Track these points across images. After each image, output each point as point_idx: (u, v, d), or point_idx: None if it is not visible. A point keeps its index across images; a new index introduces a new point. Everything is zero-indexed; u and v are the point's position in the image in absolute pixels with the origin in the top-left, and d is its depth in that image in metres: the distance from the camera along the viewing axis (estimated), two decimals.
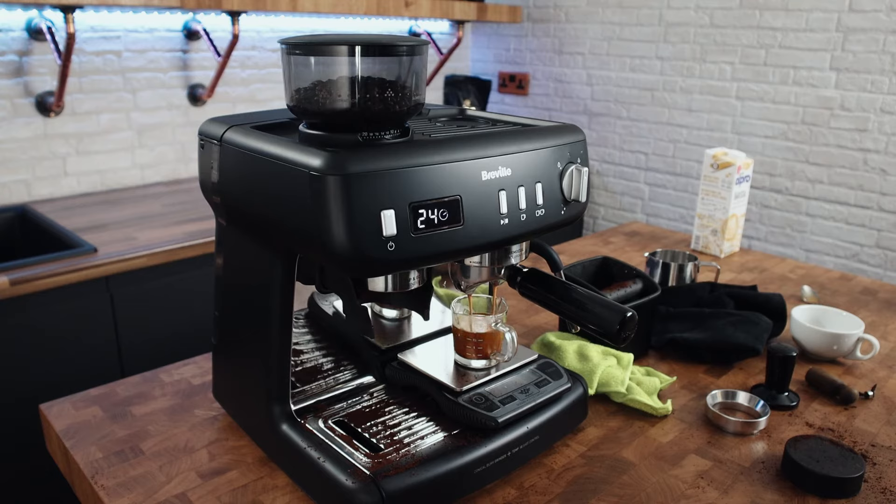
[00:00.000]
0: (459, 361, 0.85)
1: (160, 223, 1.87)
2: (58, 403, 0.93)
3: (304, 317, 1.03)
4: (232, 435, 0.87)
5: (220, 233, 0.84)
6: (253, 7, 2.10)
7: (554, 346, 1.02)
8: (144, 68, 2.22)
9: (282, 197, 0.65)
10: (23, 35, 1.96)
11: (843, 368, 1.08)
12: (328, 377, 0.88)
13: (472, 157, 0.67)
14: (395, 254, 0.61)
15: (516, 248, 0.78)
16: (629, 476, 0.81)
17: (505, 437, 0.77)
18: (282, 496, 0.75)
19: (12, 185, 2.02)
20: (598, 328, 0.71)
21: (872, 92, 2.17)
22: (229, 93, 2.46)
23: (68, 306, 1.57)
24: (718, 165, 1.60)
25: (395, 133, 0.67)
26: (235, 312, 0.83)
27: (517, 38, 3.12)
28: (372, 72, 0.64)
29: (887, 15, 2.10)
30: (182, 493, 0.75)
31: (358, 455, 0.72)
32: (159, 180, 2.34)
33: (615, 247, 1.69)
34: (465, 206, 0.66)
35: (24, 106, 2.00)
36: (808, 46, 2.27)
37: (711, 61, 2.51)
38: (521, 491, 0.78)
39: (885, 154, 2.18)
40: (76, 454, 0.82)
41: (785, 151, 2.39)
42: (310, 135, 0.67)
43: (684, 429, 0.91)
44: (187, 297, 1.77)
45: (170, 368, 1.03)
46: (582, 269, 1.21)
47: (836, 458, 0.80)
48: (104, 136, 2.18)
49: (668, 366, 1.07)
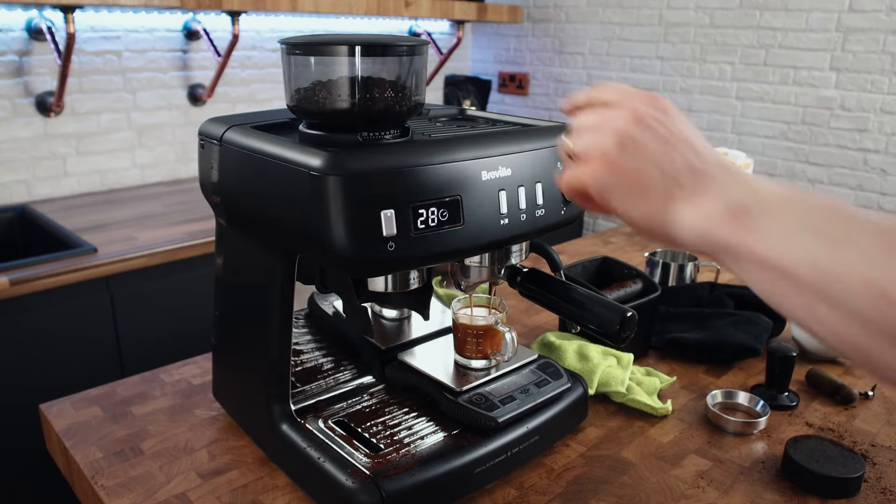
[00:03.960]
0: (459, 361, 0.85)
1: (160, 223, 1.87)
2: (58, 403, 0.93)
3: (304, 317, 1.03)
4: (232, 435, 0.87)
5: (220, 233, 0.84)
6: (253, 7, 2.10)
7: (554, 346, 1.02)
8: (144, 68, 2.22)
9: (282, 197, 0.64)
10: (23, 35, 1.96)
11: (843, 368, 1.08)
12: (328, 377, 0.88)
13: (472, 157, 0.67)
14: (395, 254, 0.61)
15: (516, 248, 0.78)
16: (629, 476, 0.81)
17: (505, 437, 0.77)
18: (282, 496, 0.75)
19: (12, 185, 2.02)
20: (598, 328, 0.71)
21: (872, 92, 2.17)
22: (229, 93, 2.46)
23: (68, 306, 1.57)
24: None
25: (395, 133, 0.67)
26: (235, 312, 0.83)
27: (517, 38, 3.12)
28: (372, 72, 0.64)
29: (887, 15, 2.10)
30: (182, 493, 0.75)
31: (358, 455, 0.72)
32: (159, 180, 2.34)
33: (615, 247, 1.69)
34: (465, 206, 0.66)
35: (24, 106, 2.00)
36: (808, 46, 2.27)
37: (711, 61, 2.51)
38: (521, 491, 0.78)
39: (885, 154, 2.18)
40: (76, 454, 0.82)
41: (785, 151, 2.39)
42: (310, 135, 0.67)
43: (684, 429, 0.91)
44: (187, 297, 1.77)
45: (170, 368, 1.03)
46: (582, 269, 1.21)
47: (836, 458, 0.80)
48: (104, 136, 2.18)
49: (668, 366, 1.07)
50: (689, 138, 0.51)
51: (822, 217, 0.42)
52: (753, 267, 0.44)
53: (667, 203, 0.49)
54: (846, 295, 0.39)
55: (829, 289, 0.40)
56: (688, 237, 0.48)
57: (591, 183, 0.52)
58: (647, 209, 0.50)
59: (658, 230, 0.50)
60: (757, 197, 0.45)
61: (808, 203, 0.43)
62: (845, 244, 0.40)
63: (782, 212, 0.44)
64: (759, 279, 0.44)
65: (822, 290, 0.40)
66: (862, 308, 0.39)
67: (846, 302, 0.39)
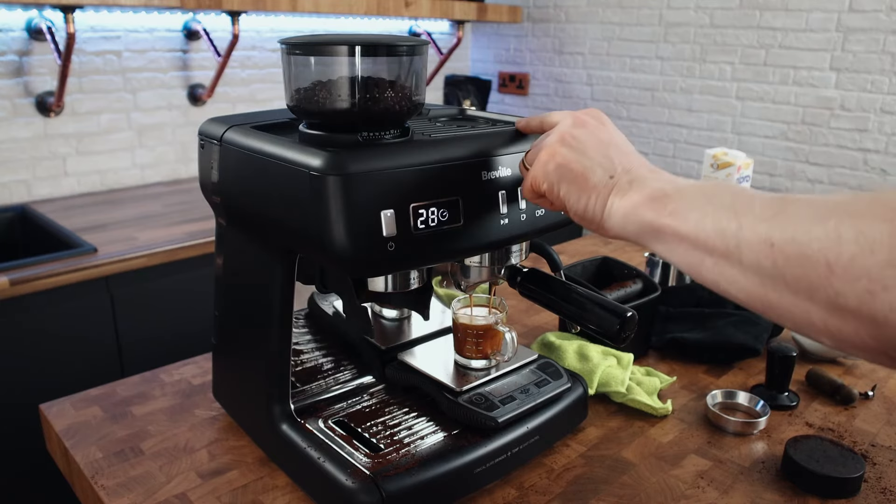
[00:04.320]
0: (459, 361, 0.85)
1: (160, 223, 1.87)
2: (58, 403, 0.93)
3: (304, 317, 1.03)
4: (232, 435, 0.87)
5: (220, 233, 0.84)
6: (253, 7, 2.10)
7: (554, 346, 1.02)
8: (144, 68, 2.22)
9: (282, 197, 0.64)
10: (23, 35, 1.96)
11: (843, 368, 1.08)
12: (328, 377, 0.88)
13: (472, 157, 0.67)
14: (395, 254, 0.61)
15: (516, 248, 0.78)
16: (629, 476, 0.81)
17: (505, 437, 0.77)
18: (282, 496, 0.75)
19: (12, 185, 2.02)
20: (598, 328, 0.71)
21: (872, 92, 2.17)
22: (229, 93, 2.46)
23: (68, 306, 1.57)
24: (718, 165, 1.60)
25: (395, 133, 0.67)
26: (235, 312, 0.83)
27: (517, 38, 3.12)
28: (372, 72, 0.64)
29: (887, 15, 2.10)
30: (182, 493, 0.75)
31: (358, 455, 0.72)
32: (159, 180, 2.34)
33: (615, 247, 1.69)
34: (465, 206, 0.66)
35: (24, 106, 2.00)
36: (808, 46, 2.27)
37: (711, 61, 2.51)
38: (521, 491, 0.78)
39: (885, 154, 2.18)
40: (76, 454, 0.82)
41: (785, 151, 2.39)
42: (310, 135, 0.67)
43: (684, 429, 0.91)
44: (187, 297, 1.77)
45: (170, 368, 1.03)
46: (582, 269, 1.21)
47: (836, 458, 0.80)
48: (104, 136, 2.18)
49: (668, 366, 1.07)
50: (621, 144, 0.61)
51: (726, 196, 0.49)
52: (673, 241, 0.52)
53: (602, 194, 0.57)
54: (748, 254, 0.46)
55: (735, 251, 0.47)
56: (617, 224, 0.56)
57: (542, 178, 0.61)
58: (588, 199, 0.58)
59: (593, 219, 0.59)
60: (674, 186, 0.54)
61: (716, 188, 0.51)
62: (745, 213, 0.47)
63: (694, 195, 0.52)
64: (678, 252, 0.52)
65: (729, 253, 0.47)
66: (761, 262, 0.45)
67: (748, 260, 0.46)
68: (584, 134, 0.60)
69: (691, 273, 0.51)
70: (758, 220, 0.45)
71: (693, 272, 0.51)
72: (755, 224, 0.45)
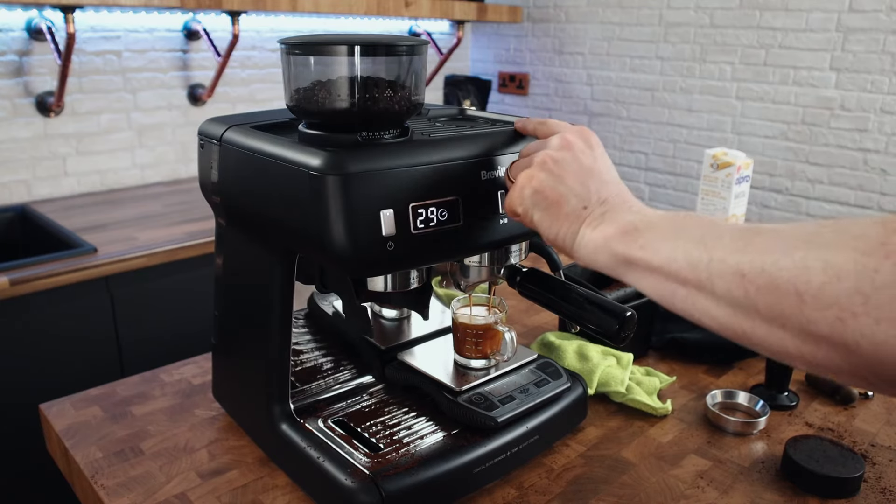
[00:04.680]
0: (459, 361, 0.85)
1: (160, 223, 1.87)
2: (58, 403, 0.93)
3: (304, 317, 1.03)
4: (232, 435, 0.87)
5: (220, 233, 0.84)
6: (253, 7, 2.10)
7: (554, 346, 1.02)
8: (144, 68, 2.22)
9: (281, 197, 0.65)
10: (23, 35, 1.96)
11: None
12: (328, 377, 0.88)
13: (472, 157, 0.67)
14: (394, 254, 0.61)
15: (516, 248, 0.78)
16: (629, 476, 0.81)
17: (504, 436, 0.77)
18: (282, 496, 0.75)
19: (12, 185, 2.02)
20: (597, 328, 0.71)
21: (872, 92, 2.17)
22: (229, 93, 2.46)
23: (68, 306, 1.57)
24: (718, 165, 1.60)
25: (395, 133, 0.67)
26: (235, 312, 0.83)
27: (517, 38, 3.12)
28: (371, 72, 0.64)
29: (887, 15, 2.10)
30: (182, 493, 0.75)
31: (358, 455, 0.72)
32: (159, 180, 2.34)
33: None
34: (465, 205, 0.66)
35: (24, 106, 2.00)
36: (808, 46, 2.27)
37: (711, 61, 2.51)
38: (521, 491, 0.78)
39: (885, 154, 2.18)
40: (76, 454, 0.82)
41: (785, 151, 2.39)
42: (309, 135, 0.67)
43: (684, 429, 0.91)
44: (187, 297, 1.77)
45: (170, 368, 1.03)
46: (582, 269, 1.21)
47: (835, 458, 0.80)
48: (104, 136, 2.18)
49: (668, 366, 1.07)
50: (603, 171, 0.61)
51: (696, 229, 0.50)
52: (644, 273, 0.53)
53: (574, 224, 0.58)
54: (720, 284, 0.46)
55: (707, 282, 0.47)
56: (587, 254, 0.57)
57: (517, 202, 0.62)
58: (560, 228, 0.59)
59: (563, 247, 0.60)
60: (644, 218, 0.55)
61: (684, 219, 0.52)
62: (715, 246, 0.47)
63: (663, 228, 0.53)
64: (649, 283, 0.53)
65: (701, 284, 0.48)
66: (733, 293, 0.45)
67: (721, 290, 0.46)
68: (568, 158, 0.60)
69: (664, 303, 0.52)
70: (728, 251, 0.46)
71: (665, 303, 0.52)
72: (726, 255, 0.46)
